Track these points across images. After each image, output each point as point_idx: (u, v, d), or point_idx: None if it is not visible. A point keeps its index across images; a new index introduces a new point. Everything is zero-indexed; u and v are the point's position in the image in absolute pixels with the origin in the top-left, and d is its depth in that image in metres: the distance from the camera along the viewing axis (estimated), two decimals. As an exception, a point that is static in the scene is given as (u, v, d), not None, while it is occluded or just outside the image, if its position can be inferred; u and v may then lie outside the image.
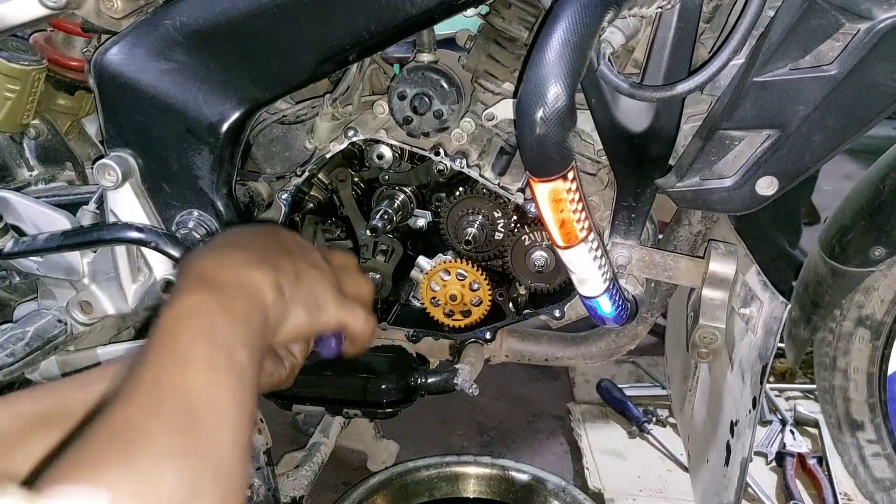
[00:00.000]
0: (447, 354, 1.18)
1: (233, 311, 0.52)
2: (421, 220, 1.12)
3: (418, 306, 1.12)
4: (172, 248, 0.91)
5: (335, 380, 1.15)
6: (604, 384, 1.80)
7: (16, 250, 0.96)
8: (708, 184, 0.85)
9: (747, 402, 0.90)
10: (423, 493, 1.47)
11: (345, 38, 0.88)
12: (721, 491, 0.98)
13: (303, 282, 0.62)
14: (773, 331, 0.85)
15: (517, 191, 1.00)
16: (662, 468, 1.60)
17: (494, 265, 1.11)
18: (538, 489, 1.45)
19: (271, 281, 0.58)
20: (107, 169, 0.91)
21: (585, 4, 0.69)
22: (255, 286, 0.56)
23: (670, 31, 0.78)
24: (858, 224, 1.13)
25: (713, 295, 0.94)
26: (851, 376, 1.26)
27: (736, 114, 0.79)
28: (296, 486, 1.33)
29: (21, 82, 1.02)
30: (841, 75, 0.73)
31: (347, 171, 1.10)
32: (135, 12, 0.90)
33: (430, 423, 1.72)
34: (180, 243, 0.92)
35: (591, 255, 0.84)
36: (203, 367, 0.47)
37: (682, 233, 1.02)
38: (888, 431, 1.29)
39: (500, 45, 0.99)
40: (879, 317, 1.20)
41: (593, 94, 0.83)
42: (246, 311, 0.54)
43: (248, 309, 0.54)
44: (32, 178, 1.16)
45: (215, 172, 0.94)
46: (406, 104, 0.98)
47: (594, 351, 1.19)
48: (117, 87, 0.91)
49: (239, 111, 0.92)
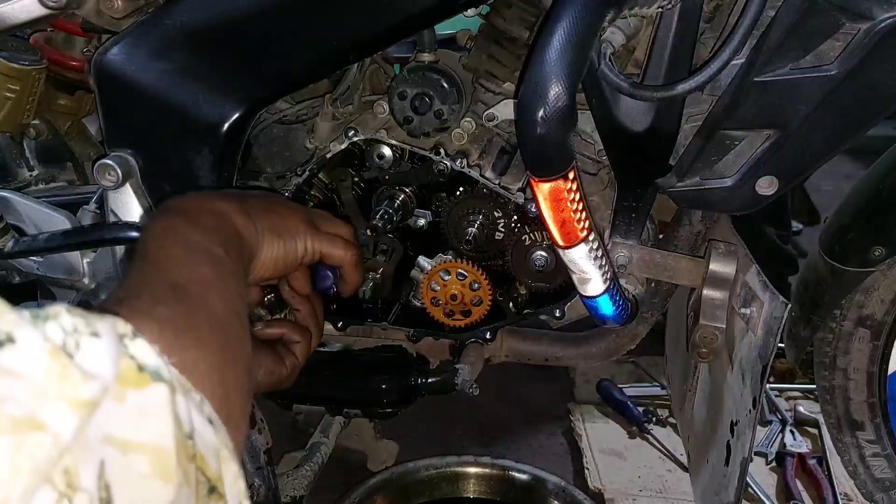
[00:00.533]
0: (447, 354, 1.18)
1: (201, 225, 0.58)
2: (421, 219, 1.12)
3: (418, 306, 1.12)
4: (173, 248, 0.91)
5: (335, 380, 1.15)
6: (604, 384, 1.80)
7: (16, 250, 0.96)
8: (708, 183, 0.85)
9: (747, 402, 0.90)
10: (423, 494, 1.47)
11: (345, 37, 0.88)
12: (721, 491, 0.98)
13: (271, 212, 0.67)
14: (774, 331, 0.85)
15: (518, 190, 1.00)
16: (662, 468, 1.60)
17: (495, 265, 1.11)
18: (538, 489, 1.45)
19: (237, 207, 0.62)
20: (107, 169, 0.91)
21: (586, 4, 0.69)
22: (219, 209, 0.61)
23: (671, 31, 0.78)
24: (858, 224, 1.13)
25: (713, 295, 0.94)
26: (851, 376, 1.26)
27: (736, 114, 0.79)
28: (296, 486, 1.33)
29: (21, 82, 1.02)
30: (841, 75, 0.73)
31: (348, 170, 1.10)
32: (135, 12, 0.90)
33: (430, 423, 1.72)
34: (181, 243, 0.92)
35: (592, 254, 0.84)
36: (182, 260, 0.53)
37: (682, 233, 1.02)
38: (888, 431, 1.29)
39: (501, 45, 0.99)
40: (879, 317, 1.20)
41: (594, 93, 0.83)
42: (214, 225, 0.59)
43: (215, 224, 0.59)
44: (32, 178, 1.16)
45: (215, 172, 0.94)
46: (406, 104, 0.98)
47: (594, 351, 1.19)
48: (117, 87, 0.91)
49: (239, 111, 0.92)
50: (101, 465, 0.32)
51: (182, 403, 0.38)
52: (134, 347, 0.37)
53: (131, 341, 0.37)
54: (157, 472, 0.35)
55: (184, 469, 0.36)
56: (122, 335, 0.37)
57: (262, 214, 0.65)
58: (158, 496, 0.35)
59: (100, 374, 0.33)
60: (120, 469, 0.33)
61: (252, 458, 1.12)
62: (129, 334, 0.37)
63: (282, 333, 0.76)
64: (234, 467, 0.41)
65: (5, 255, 0.96)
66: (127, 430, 0.34)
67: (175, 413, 0.37)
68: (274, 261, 0.67)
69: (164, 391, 0.36)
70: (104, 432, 0.33)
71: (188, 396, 0.39)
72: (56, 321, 0.34)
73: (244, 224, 0.62)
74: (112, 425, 0.34)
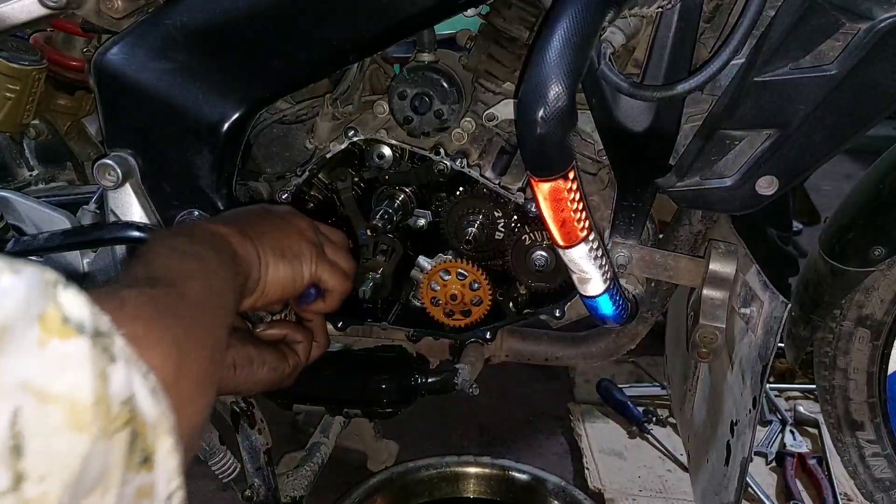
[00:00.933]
0: (447, 354, 1.18)
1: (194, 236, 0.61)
2: (421, 219, 1.12)
3: (418, 306, 1.12)
4: (173, 248, 0.91)
5: (335, 380, 1.15)
6: (604, 384, 1.80)
7: (16, 249, 0.96)
8: (708, 183, 0.85)
9: (747, 402, 0.90)
10: (423, 494, 1.47)
11: (345, 37, 0.88)
12: (721, 491, 0.98)
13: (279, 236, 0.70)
14: (774, 330, 0.85)
15: (518, 190, 1.00)
16: (662, 468, 1.60)
17: (495, 265, 1.11)
18: (538, 489, 1.45)
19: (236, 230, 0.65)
20: (107, 169, 0.91)
21: (586, 4, 0.69)
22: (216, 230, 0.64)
23: (671, 31, 0.78)
24: (858, 224, 1.13)
25: (713, 295, 0.94)
26: (851, 376, 1.26)
27: (736, 113, 0.79)
28: (296, 486, 1.33)
29: (21, 82, 1.02)
30: (841, 75, 0.73)
31: (348, 170, 1.10)
32: (135, 12, 0.90)
33: (430, 423, 1.72)
34: (180, 243, 0.92)
35: (592, 254, 0.84)
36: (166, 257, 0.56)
37: (682, 232, 1.02)
38: (888, 431, 1.29)
39: (501, 45, 0.99)
40: (879, 316, 1.20)
41: (594, 93, 0.83)
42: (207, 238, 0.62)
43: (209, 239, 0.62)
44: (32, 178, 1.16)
45: (215, 172, 0.94)
46: (406, 104, 0.98)
47: (594, 351, 1.19)
48: (117, 87, 0.91)
49: (239, 111, 0.92)
50: (15, 413, 0.32)
51: (122, 369, 0.38)
52: (63, 297, 0.36)
53: (63, 290, 0.37)
54: (70, 424, 0.34)
55: (102, 426, 0.36)
56: (49, 282, 0.36)
57: (266, 237, 0.68)
58: (71, 447, 0.34)
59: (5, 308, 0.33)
60: (34, 418, 0.33)
61: (252, 458, 1.12)
62: (60, 283, 0.37)
63: (284, 335, 0.77)
64: (170, 441, 0.40)
65: (5, 254, 0.96)
66: (45, 379, 0.34)
67: (101, 370, 0.36)
68: (281, 283, 0.69)
69: (86, 345, 0.36)
70: (22, 377, 0.33)
71: (133, 365, 0.39)
72: None
73: (240, 243, 0.65)
74: (31, 371, 0.33)
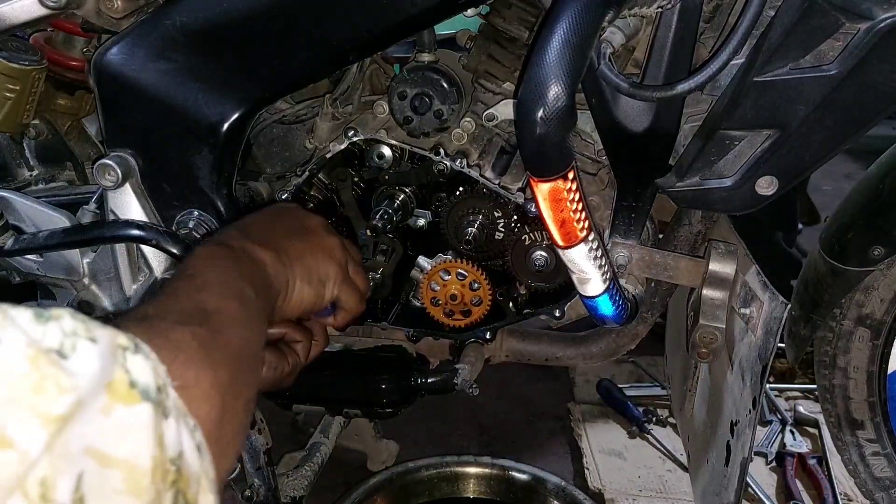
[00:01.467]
0: (447, 354, 1.18)
1: (241, 264, 0.63)
2: (421, 219, 1.12)
3: (418, 306, 1.12)
4: (173, 246, 0.91)
5: (335, 380, 1.15)
6: (604, 384, 1.80)
7: (16, 248, 0.96)
8: (708, 183, 0.85)
9: (747, 402, 0.90)
10: (423, 494, 1.47)
11: (345, 37, 0.88)
12: (721, 491, 0.98)
13: (309, 260, 0.72)
14: (773, 331, 0.85)
15: (517, 190, 1.00)
16: (662, 468, 1.60)
17: (494, 265, 1.11)
18: (538, 489, 1.45)
19: (274, 257, 0.68)
20: (107, 169, 0.91)
21: (586, 4, 0.69)
22: (258, 257, 0.67)
23: (671, 31, 0.78)
24: (858, 224, 1.13)
25: (713, 295, 0.94)
26: (851, 375, 1.26)
27: (736, 114, 0.79)
28: (296, 486, 1.33)
29: (21, 82, 1.02)
30: (841, 75, 0.73)
31: (347, 170, 1.10)
32: (135, 12, 0.90)
33: (430, 423, 1.72)
34: (181, 241, 0.92)
35: (592, 254, 0.84)
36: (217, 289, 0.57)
37: (682, 233, 1.02)
38: (888, 430, 1.29)
39: (501, 45, 0.99)
40: (879, 316, 1.20)
41: (593, 93, 0.83)
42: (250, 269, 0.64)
43: (252, 269, 0.64)
44: (32, 178, 1.16)
45: (215, 172, 0.94)
46: (406, 104, 0.98)
47: (594, 351, 1.19)
48: (117, 87, 0.91)
49: (239, 111, 0.92)
50: (80, 478, 0.33)
51: (173, 426, 0.38)
52: (131, 362, 0.37)
53: (132, 355, 0.38)
54: (129, 489, 0.35)
55: (157, 489, 0.36)
56: (121, 346, 0.37)
57: (297, 262, 0.71)
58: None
59: (79, 385, 0.34)
60: (96, 482, 0.34)
61: (252, 458, 1.12)
62: (130, 347, 0.38)
63: (283, 334, 0.77)
64: (211, 499, 0.42)
65: (6, 252, 0.96)
66: (108, 444, 0.35)
67: (159, 434, 0.37)
68: (303, 306, 0.72)
69: (149, 411, 0.37)
70: (87, 443, 0.34)
71: (183, 420, 0.40)
72: (57, 322, 0.34)
73: (276, 273, 0.68)
74: (95, 437, 0.34)
